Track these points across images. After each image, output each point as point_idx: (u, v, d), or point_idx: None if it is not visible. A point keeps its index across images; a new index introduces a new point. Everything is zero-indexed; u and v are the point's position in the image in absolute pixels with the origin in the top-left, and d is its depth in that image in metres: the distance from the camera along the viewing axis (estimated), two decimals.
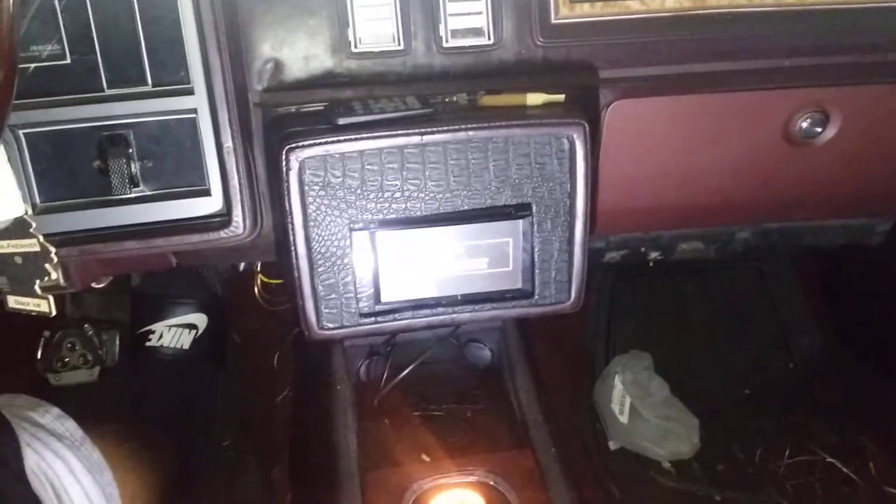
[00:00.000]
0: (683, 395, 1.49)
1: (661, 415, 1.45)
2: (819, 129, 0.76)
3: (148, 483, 0.83)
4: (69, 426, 0.72)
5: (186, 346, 1.29)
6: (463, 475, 0.78)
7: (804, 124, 0.75)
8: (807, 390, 1.49)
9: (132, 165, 0.66)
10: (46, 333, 1.21)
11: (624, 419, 1.43)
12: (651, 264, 1.17)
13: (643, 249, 1.12)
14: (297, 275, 0.70)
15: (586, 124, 0.69)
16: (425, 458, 0.80)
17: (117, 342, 1.23)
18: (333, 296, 0.71)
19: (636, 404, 1.44)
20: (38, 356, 1.20)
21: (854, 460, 1.36)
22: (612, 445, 1.43)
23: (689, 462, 1.41)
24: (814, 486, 1.35)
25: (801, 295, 1.56)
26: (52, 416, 0.72)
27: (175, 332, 1.28)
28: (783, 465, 1.39)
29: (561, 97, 0.72)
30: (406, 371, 0.88)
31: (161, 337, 1.27)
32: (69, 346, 1.19)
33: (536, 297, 0.75)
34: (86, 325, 1.21)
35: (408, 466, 0.78)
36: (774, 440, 1.42)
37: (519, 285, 0.74)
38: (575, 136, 0.69)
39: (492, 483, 0.77)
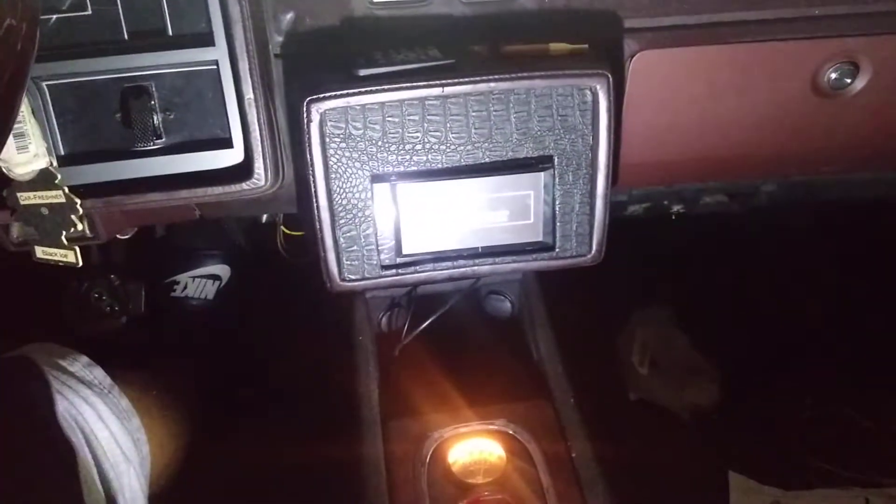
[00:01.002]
0: (704, 348, 1.49)
1: (681, 367, 1.46)
2: (849, 81, 0.74)
3: (175, 430, 0.85)
4: (97, 374, 0.74)
5: (211, 297, 1.31)
6: (483, 424, 0.79)
7: (833, 75, 0.74)
8: (832, 344, 1.48)
9: (154, 117, 0.66)
10: (73, 284, 1.23)
11: (644, 371, 1.45)
12: (674, 217, 1.17)
13: (666, 202, 1.11)
14: (318, 227, 0.70)
15: (610, 75, 0.68)
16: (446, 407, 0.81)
17: (143, 293, 1.25)
18: (355, 248, 0.72)
19: (656, 357, 1.45)
20: (66, 306, 1.23)
21: (877, 414, 1.36)
22: (632, 397, 1.44)
23: (708, 414, 1.42)
24: (835, 438, 1.36)
25: (826, 250, 1.54)
26: (80, 364, 0.74)
27: (199, 282, 1.30)
28: (804, 418, 1.39)
29: (584, 47, 0.71)
30: (427, 322, 0.89)
31: (185, 288, 1.29)
32: (96, 296, 1.22)
33: (557, 249, 0.75)
34: (112, 276, 1.23)
35: (428, 415, 0.80)
36: (797, 393, 1.42)
37: (540, 238, 0.74)
38: (598, 87, 0.68)
39: (511, 432, 0.78)
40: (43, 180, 0.64)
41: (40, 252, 0.68)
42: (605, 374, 1.46)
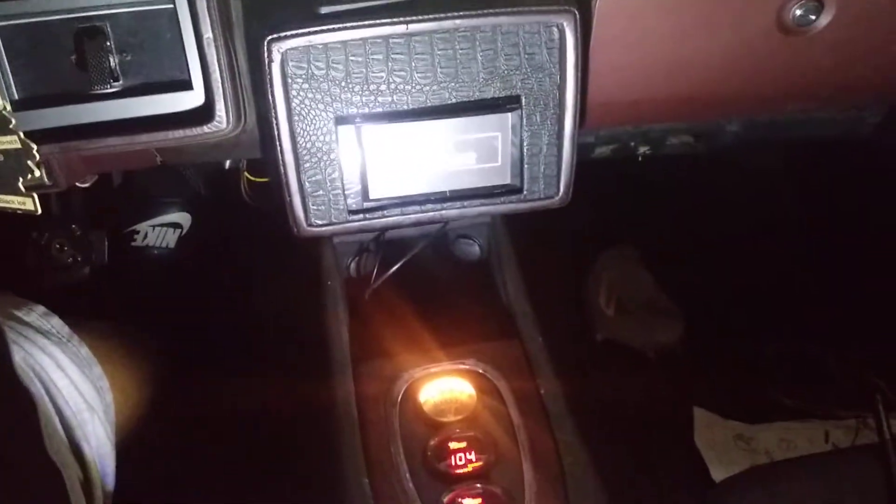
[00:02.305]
0: (670, 289, 1.52)
1: (647, 308, 1.49)
2: (813, 17, 0.74)
3: (140, 378, 0.84)
4: (55, 323, 0.73)
5: (172, 246, 1.29)
6: (453, 364, 0.80)
7: (798, 12, 0.73)
8: (795, 282, 1.51)
9: (111, 59, 0.64)
10: (34, 235, 1.20)
11: (610, 312, 1.47)
12: (640, 159, 1.17)
13: (633, 144, 1.11)
14: (283, 171, 0.69)
15: (577, 12, 0.67)
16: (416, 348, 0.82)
17: (105, 242, 1.23)
18: (321, 192, 0.71)
19: (623, 298, 1.47)
20: (28, 258, 1.20)
21: (839, 350, 1.40)
22: (599, 337, 1.47)
23: (673, 352, 1.45)
24: (797, 374, 1.40)
25: (790, 188, 1.57)
26: (37, 314, 0.72)
27: (160, 231, 1.29)
28: (768, 355, 1.43)
29: None
30: (397, 266, 0.89)
31: (146, 237, 1.28)
32: (57, 246, 1.19)
33: (525, 192, 0.75)
34: (73, 226, 1.20)
35: (399, 357, 0.80)
36: (760, 330, 1.45)
37: (508, 181, 0.74)
38: (565, 24, 0.67)
39: (481, 371, 0.79)
40: None
41: None
42: (572, 316, 1.49)
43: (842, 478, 0.86)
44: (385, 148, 0.70)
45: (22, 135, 0.62)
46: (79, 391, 0.69)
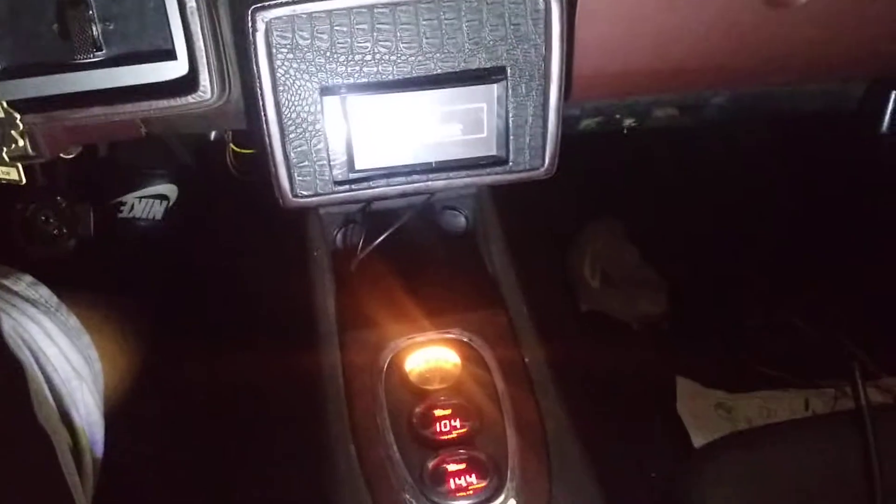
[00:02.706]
0: (654, 261, 1.53)
1: (631, 280, 1.50)
2: None
3: (128, 348, 0.85)
4: (43, 292, 0.73)
5: (159, 217, 1.29)
6: (439, 333, 0.80)
7: None
8: (778, 255, 1.53)
9: (93, 28, 0.63)
10: (19, 207, 1.20)
11: (595, 283, 1.48)
12: (625, 132, 1.17)
13: (618, 116, 1.11)
14: (268, 141, 0.69)
15: None
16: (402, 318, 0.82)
17: (91, 214, 1.23)
18: (306, 163, 0.71)
19: (607, 269, 1.49)
20: (13, 231, 1.20)
21: (820, 321, 1.42)
22: (583, 308, 1.48)
23: (657, 324, 1.47)
24: (779, 345, 1.42)
25: (774, 162, 1.58)
26: (25, 283, 0.72)
27: (146, 203, 1.28)
28: (750, 326, 1.45)
29: None
30: (383, 236, 0.89)
31: (132, 208, 1.27)
32: (43, 218, 1.19)
33: (511, 163, 0.75)
34: (59, 199, 1.20)
35: (385, 326, 0.81)
36: (743, 302, 1.47)
37: (493, 152, 0.74)
38: None
39: (466, 340, 0.80)
40: None
41: None
42: (557, 287, 1.50)
43: (819, 442, 0.88)
44: (370, 119, 0.70)
45: (5, 104, 0.62)
46: (67, 360, 0.69)
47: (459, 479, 0.69)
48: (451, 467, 0.69)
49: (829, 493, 0.85)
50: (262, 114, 0.68)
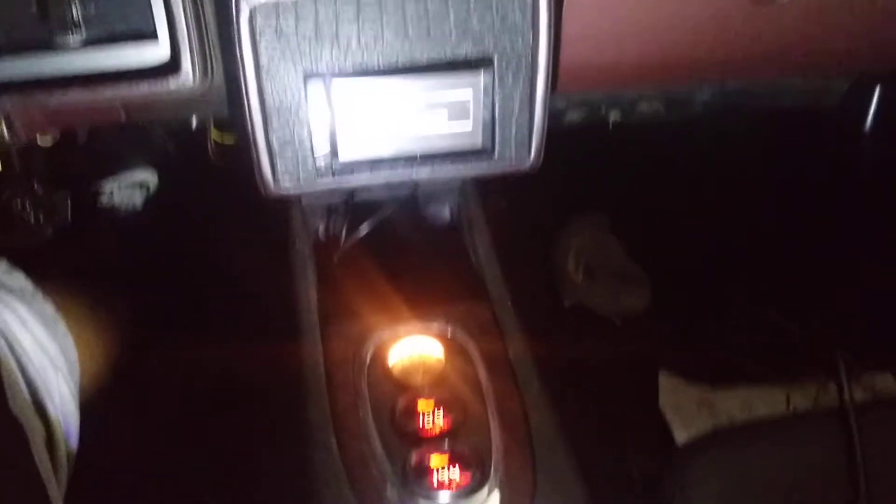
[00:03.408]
0: (638, 255, 1.53)
1: (614, 274, 1.50)
2: None
3: (104, 337, 0.83)
4: (18, 279, 0.71)
5: (138, 206, 1.27)
6: (422, 325, 0.80)
7: None
8: (761, 251, 1.54)
9: (73, 9, 0.62)
10: None
11: (578, 278, 1.48)
12: (610, 127, 1.17)
13: (603, 109, 1.11)
14: (250, 129, 0.68)
15: None
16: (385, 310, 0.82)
17: (69, 202, 1.21)
18: (289, 152, 0.70)
19: (591, 264, 1.48)
20: None
21: (802, 318, 1.43)
22: (567, 302, 1.48)
23: (640, 319, 1.47)
24: (761, 341, 1.43)
25: (758, 158, 1.58)
26: (0, 270, 0.71)
27: (126, 191, 1.26)
28: (733, 322, 1.45)
29: None
30: (367, 228, 0.88)
31: (112, 196, 1.25)
32: (19, 205, 1.17)
33: (496, 155, 0.74)
34: (35, 186, 1.18)
35: (368, 319, 0.80)
36: (726, 298, 1.48)
37: (479, 144, 0.73)
38: None
39: (450, 333, 0.79)
40: None
41: None
42: (541, 281, 1.50)
43: (802, 440, 0.89)
44: (355, 107, 0.69)
45: None
46: (43, 348, 0.68)
47: (442, 472, 0.68)
48: (434, 461, 0.69)
49: (813, 491, 0.86)
50: (245, 101, 0.66)
